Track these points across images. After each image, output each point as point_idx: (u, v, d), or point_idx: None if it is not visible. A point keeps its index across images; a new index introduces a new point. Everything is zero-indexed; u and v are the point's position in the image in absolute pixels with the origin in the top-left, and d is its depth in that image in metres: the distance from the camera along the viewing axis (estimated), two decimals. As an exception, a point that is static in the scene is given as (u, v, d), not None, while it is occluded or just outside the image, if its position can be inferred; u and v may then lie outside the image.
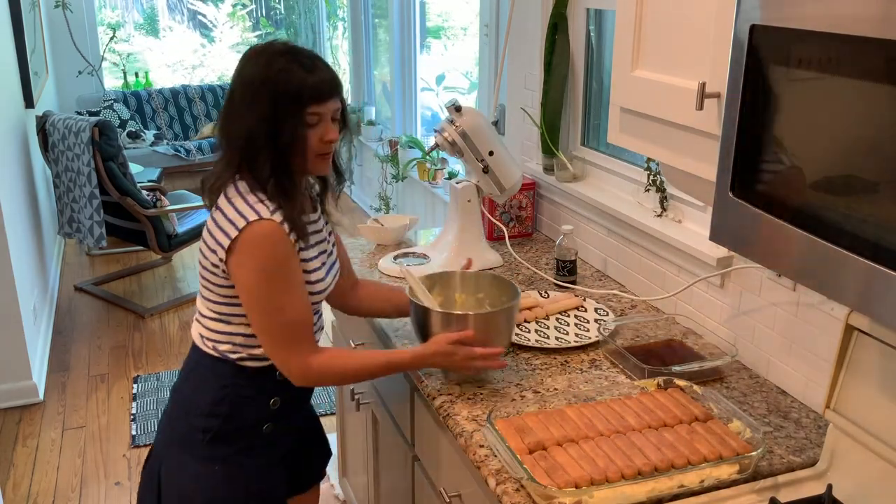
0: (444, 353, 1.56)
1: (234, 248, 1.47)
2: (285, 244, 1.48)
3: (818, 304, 1.56)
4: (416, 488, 1.91)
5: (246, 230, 1.46)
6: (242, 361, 1.57)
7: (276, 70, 1.47)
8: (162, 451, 1.64)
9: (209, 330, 1.58)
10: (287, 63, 1.47)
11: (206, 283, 1.56)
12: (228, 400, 1.57)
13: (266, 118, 1.47)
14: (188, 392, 1.63)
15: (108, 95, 6.34)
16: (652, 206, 2.14)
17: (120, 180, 4.15)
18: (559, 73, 2.45)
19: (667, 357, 1.77)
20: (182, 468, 1.60)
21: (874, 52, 0.86)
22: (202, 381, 1.60)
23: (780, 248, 1.05)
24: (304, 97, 1.47)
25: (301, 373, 1.55)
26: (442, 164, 4.35)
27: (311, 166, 1.54)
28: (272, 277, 1.48)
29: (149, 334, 4.17)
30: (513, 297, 1.68)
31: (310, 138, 1.50)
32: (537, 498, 1.29)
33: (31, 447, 3.19)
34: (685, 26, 1.30)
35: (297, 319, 1.52)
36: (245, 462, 1.61)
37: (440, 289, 1.79)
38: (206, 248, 1.52)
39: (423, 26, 4.89)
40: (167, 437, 1.64)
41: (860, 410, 1.30)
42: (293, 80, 1.46)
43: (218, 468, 1.58)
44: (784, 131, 1.03)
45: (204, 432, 1.57)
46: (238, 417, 1.59)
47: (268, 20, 8.02)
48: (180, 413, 1.63)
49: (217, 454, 1.58)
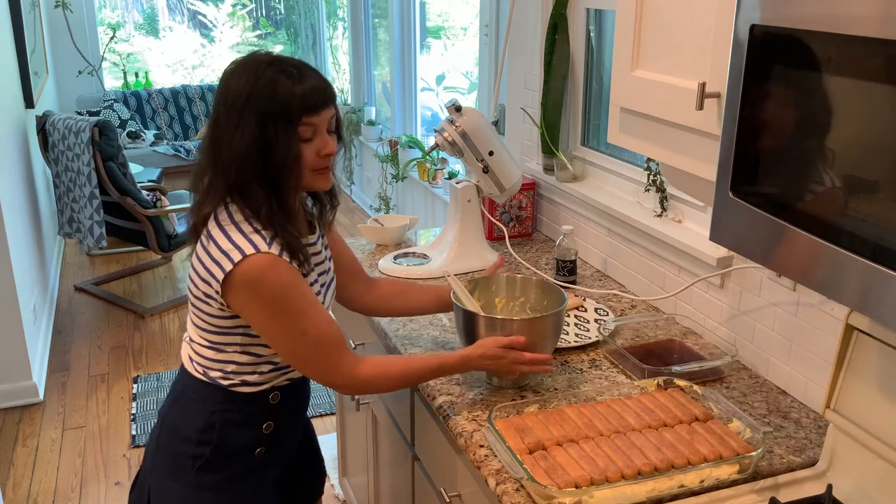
0: (492, 356, 1.51)
1: (232, 284, 1.37)
2: (288, 272, 1.40)
3: (818, 304, 1.56)
4: (416, 488, 1.91)
5: (243, 265, 1.36)
6: (234, 388, 1.50)
7: (261, 85, 1.36)
8: (150, 477, 1.56)
9: (200, 356, 1.50)
10: (273, 74, 1.36)
11: (196, 312, 1.47)
12: (218, 427, 1.49)
13: (255, 139, 1.36)
14: (176, 417, 1.54)
15: (108, 95, 6.34)
16: (652, 206, 2.14)
17: (120, 180, 4.15)
18: (559, 73, 2.45)
19: (667, 357, 1.77)
20: (172, 494, 1.53)
21: (874, 52, 0.86)
22: (190, 407, 1.52)
23: (779, 248, 1.05)
24: (295, 110, 1.36)
25: (349, 386, 1.49)
26: (442, 164, 4.35)
27: (309, 183, 1.45)
28: (285, 308, 1.40)
29: (149, 334, 4.17)
30: (558, 301, 1.66)
31: (305, 154, 1.40)
32: (537, 498, 1.29)
33: (31, 447, 3.19)
34: (685, 26, 1.30)
35: (325, 335, 1.44)
36: (237, 487, 1.54)
37: (480, 292, 1.77)
38: (196, 277, 1.43)
39: (423, 26, 4.89)
40: (155, 461, 1.56)
41: (860, 410, 1.30)
42: (281, 93, 1.35)
43: (210, 494, 1.52)
44: (784, 131, 1.03)
45: (194, 459, 1.50)
46: (227, 445, 1.51)
47: (268, 20, 8.02)
48: (169, 439, 1.54)
49: (207, 481, 1.51)
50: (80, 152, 4.06)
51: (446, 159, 4.33)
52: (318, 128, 1.41)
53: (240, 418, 1.52)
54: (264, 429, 1.54)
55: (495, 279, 1.78)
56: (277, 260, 1.38)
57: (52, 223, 4.93)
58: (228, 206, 1.43)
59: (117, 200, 4.16)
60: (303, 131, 1.39)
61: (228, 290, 1.39)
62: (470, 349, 1.54)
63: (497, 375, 1.63)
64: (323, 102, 1.40)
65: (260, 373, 1.50)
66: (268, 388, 1.52)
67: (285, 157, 1.38)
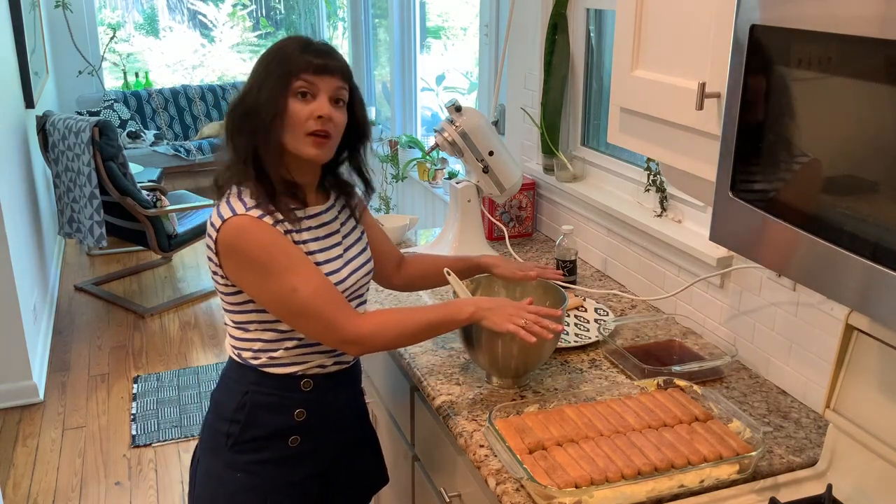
0: (498, 303, 1.50)
1: (220, 252, 1.42)
2: (266, 229, 1.40)
3: (818, 304, 1.56)
4: (416, 488, 1.91)
5: (222, 230, 1.41)
6: (265, 368, 1.52)
7: (276, 47, 1.44)
8: (199, 453, 1.64)
9: (233, 338, 1.56)
10: (293, 42, 1.44)
11: (219, 294, 1.53)
12: (248, 407, 1.53)
13: (251, 88, 1.42)
14: (217, 397, 1.61)
15: (109, 95, 6.34)
16: (652, 206, 2.14)
17: (120, 180, 4.15)
18: (559, 73, 2.45)
19: (667, 357, 1.77)
20: (210, 470, 1.59)
21: (874, 52, 0.86)
22: (229, 387, 1.58)
23: (779, 247, 1.05)
24: (294, 66, 1.39)
25: (354, 340, 1.44)
26: (442, 164, 4.34)
27: (297, 146, 1.42)
28: (267, 266, 1.40)
29: (149, 334, 4.18)
30: (559, 301, 1.66)
31: (294, 110, 1.40)
32: (537, 498, 1.29)
33: (32, 447, 3.19)
34: (685, 26, 1.30)
35: (319, 291, 1.42)
36: (269, 474, 1.55)
37: (481, 292, 1.76)
38: (210, 252, 1.49)
39: (423, 26, 4.89)
40: (202, 437, 1.64)
41: (860, 410, 1.30)
42: (288, 51, 1.42)
43: (240, 476, 1.55)
44: (784, 131, 1.03)
45: (227, 437, 1.55)
46: (256, 426, 1.54)
47: (268, 20, 8.02)
48: (212, 416, 1.60)
49: (238, 461, 1.55)
50: (81, 152, 4.06)
51: (446, 159, 4.32)
52: (318, 90, 1.42)
53: (270, 401, 1.53)
54: (296, 415, 1.55)
55: (496, 279, 1.78)
56: (254, 220, 1.40)
57: (52, 223, 4.93)
58: (238, 188, 1.46)
59: (117, 200, 4.16)
60: (298, 86, 1.40)
61: (221, 260, 1.44)
62: (476, 298, 1.58)
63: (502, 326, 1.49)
64: (325, 68, 1.42)
65: (285, 349, 1.51)
66: (298, 371, 1.53)
67: (269, 105, 1.40)
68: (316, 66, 1.41)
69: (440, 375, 1.69)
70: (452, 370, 1.72)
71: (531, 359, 1.61)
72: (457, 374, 1.70)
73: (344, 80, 1.46)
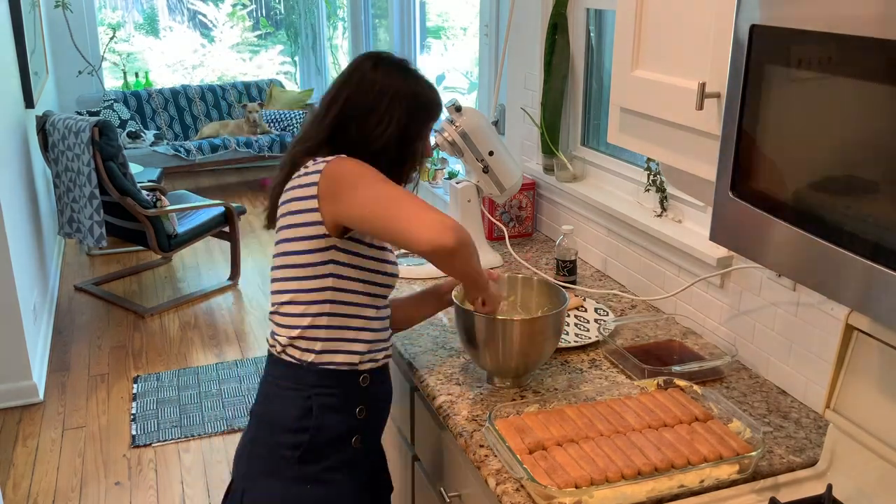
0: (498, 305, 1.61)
1: (322, 186, 1.44)
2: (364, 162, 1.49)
3: (818, 304, 1.56)
4: (416, 488, 1.91)
5: (327, 166, 1.45)
6: (323, 365, 1.48)
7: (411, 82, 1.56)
8: (243, 482, 1.54)
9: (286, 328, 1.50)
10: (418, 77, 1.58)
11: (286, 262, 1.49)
12: (315, 411, 1.48)
13: (401, 127, 1.53)
14: (270, 409, 1.53)
15: (108, 95, 6.34)
16: (652, 206, 2.14)
17: (120, 180, 4.15)
18: (559, 73, 2.45)
19: (667, 357, 1.77)
20: (272, 495, 1.50)
21: (874, 52, 0.86)
22: (284, 396, 1.51)
23: (780, 248, 1.05)
24: (434, 114, 1.61)
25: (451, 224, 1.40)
26: (442, 164, 4.34)
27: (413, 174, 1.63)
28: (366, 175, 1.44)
29: (149, 334, 4.18)
30: (559, 301, 1.66)
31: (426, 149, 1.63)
32: (537, 498, 1.29)
33: (31, 447, 3.19)
34: (685, 26, 1.30)
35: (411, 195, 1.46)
36: (337, 479, 1.52)
37: None
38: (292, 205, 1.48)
39: (423, 26, 4.89)
40: (250, 464, 1.54)
41: (860, 410, 1.30)
42: (429, 97, 1.58)
43: (310, 487, 1.49)
44: (784, 131, 1.03)
45: (293, 449, 1.48)
46: (327, 429, 1.49)
47: (268, 20, 8.03)
48: (264, 435, 1.53)
49: (308, 473, 1.49)
50: (80, 152, 4.06)
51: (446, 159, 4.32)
52: None
53: (335, 402, 1.50)
54: (358, 413, 1.53)
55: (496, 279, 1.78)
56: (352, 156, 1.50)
57: (52, 223, 4.94)
58: None
59: (117, 200, 4.16)
60: (428, 131, 1.62)
61: (321, 198, 1.44)
62: None
63: None
64: None
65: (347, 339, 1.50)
66: (356, 368, 1.51)
67: (421, 149, 1.61)
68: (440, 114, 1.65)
69: (440, 375, 1.70)
70: (452, 370, 1.72)
71: (531, 359, 1.61)
72: (457, 374, 1.70)
73: None
